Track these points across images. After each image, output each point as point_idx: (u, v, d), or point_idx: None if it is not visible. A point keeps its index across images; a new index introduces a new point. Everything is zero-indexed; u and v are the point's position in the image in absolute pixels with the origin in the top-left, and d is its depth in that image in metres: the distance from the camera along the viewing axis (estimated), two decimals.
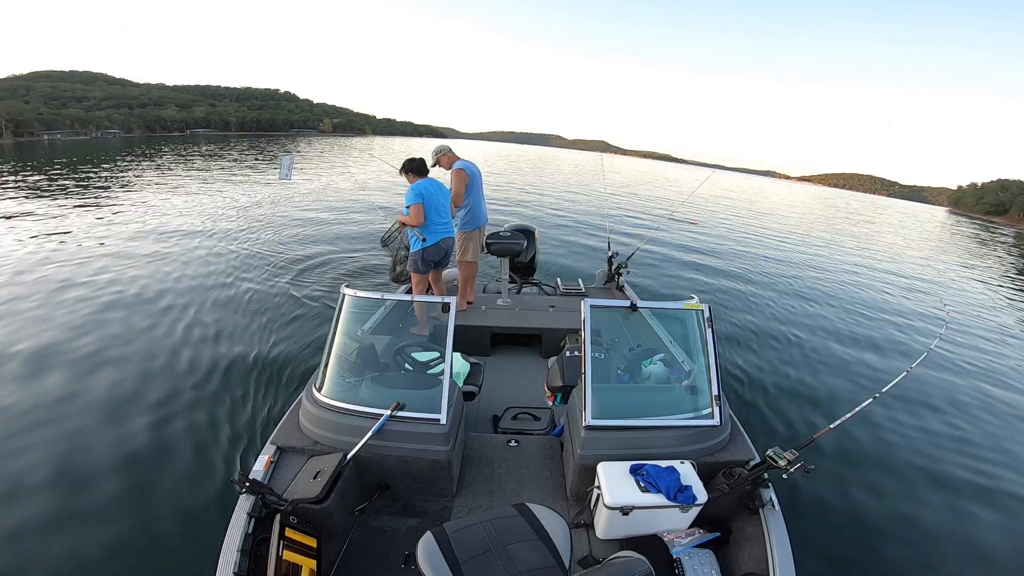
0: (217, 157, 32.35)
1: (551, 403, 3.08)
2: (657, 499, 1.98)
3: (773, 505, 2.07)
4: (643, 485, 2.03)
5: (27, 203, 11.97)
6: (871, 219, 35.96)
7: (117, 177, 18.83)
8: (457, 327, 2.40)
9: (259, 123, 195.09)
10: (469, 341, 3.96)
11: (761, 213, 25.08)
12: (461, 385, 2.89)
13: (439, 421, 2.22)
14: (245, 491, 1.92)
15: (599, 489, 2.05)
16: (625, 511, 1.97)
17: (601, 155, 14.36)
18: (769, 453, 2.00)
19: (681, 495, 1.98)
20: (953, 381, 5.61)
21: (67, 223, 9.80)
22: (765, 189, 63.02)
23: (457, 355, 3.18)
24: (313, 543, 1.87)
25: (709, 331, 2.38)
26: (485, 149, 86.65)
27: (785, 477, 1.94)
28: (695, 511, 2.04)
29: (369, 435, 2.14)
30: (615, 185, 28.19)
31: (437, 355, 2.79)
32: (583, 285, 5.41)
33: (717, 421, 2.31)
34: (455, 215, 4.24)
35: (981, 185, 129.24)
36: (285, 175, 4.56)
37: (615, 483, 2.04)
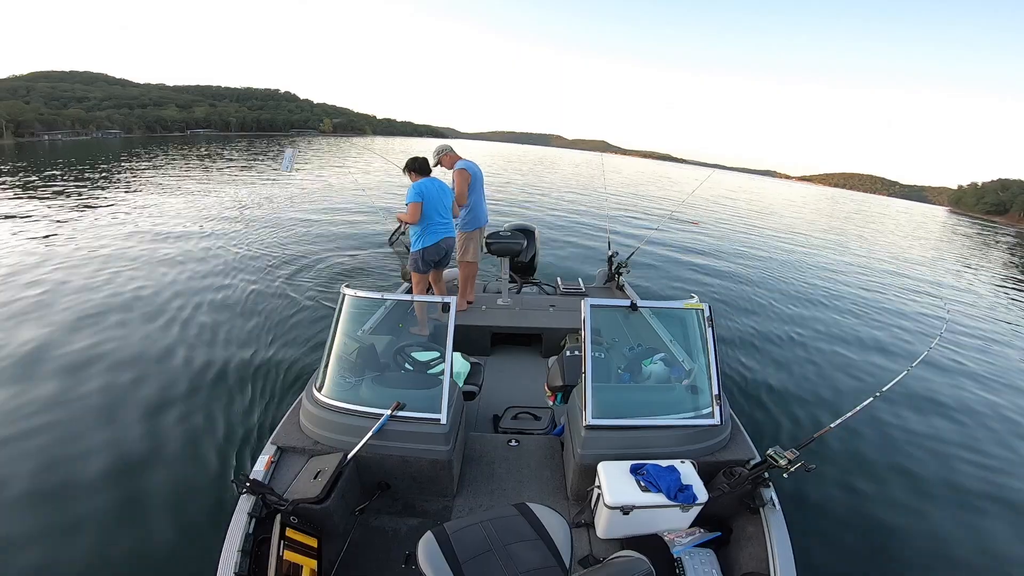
0: (217, 157, 32.38)
1: (551, 403, 3.08)
2: (658, 498, 1.98)
3: (774, 504, 2.07)
4: (643, 484, 2.03)
5: (27, 203, 11.98)
6: (872, 219, 35.94)
7: (118, 177, 18.83)
8: (457, 327, 2.40)
9: (259, 123, 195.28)
10: (469, 341, 3.96)
11: (762, 213, 25.06)
12: (461, 385, 2.88)
13: (439, 421, 2.22)
14: (246, 491, 1.92)
15: (599, 489, 2.05)
16: (625, 511, 1.97)
17: (601, 155, 14.39)
18: (770, 452, 2.00)
19: (681, 494, 1.98)
20: (954, 380, 5.61)
21: (67, 223, 9.80)
22: (766, 189, 63.01)
23: (457, 355, 3.17)
24: (314, 543, 1.87)
25: (709, 330, 2.38)
26: (485, 149, 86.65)
27: (786, 476, 1.94)
28: (696, 510, 2.04)
29: (369, 435, 2.14)
30: (615, 185, 28.15)
31: (437, 355, 2.78)
32: (583, 285, 5.41)
33: (717, 420, 2.31)
34: (458, 215, 4.25)
35: (981, 185, 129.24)
36: (286, 167, 4.60)
37: (615, 483, 2.04)
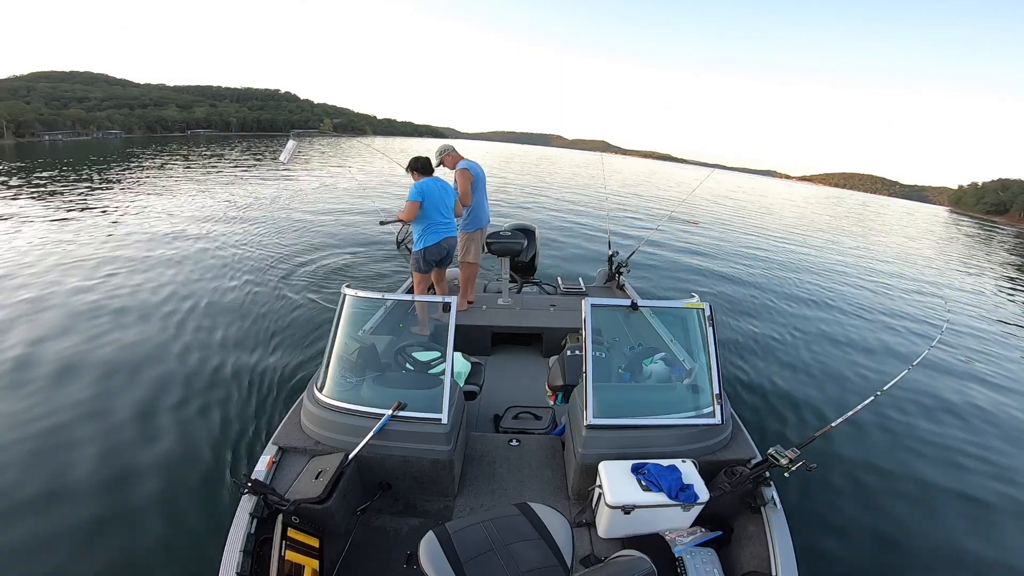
0: (218, 157, 32.38)
1: (552, 402, 3.08)
2: (659, 498, 1.98)
3: (775, 503, 2.07)
4: (645, 484, 2.03)
5: (27, 203, 11.99)
6: (872, 219, 35.93)
7: (118, 178, 18.82)
8: (458, 327, 2.40)
9: (259, 123, 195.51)
10: (470, 341, 3.95)
11: (762, 213, 25.06)
12: (462, 385, 2.88)
13: (440, 421, 2.22)
14: (247, 491, 1.92)
15: (600, 488, 2.05)
16: (627, 510, 1.97)
17: (601, 155, 14.39)
18: (771, 452, 2.00)
19: (683, 494, 1.98)
20: (954, 379, 5.60)
21: (68, 223, 9.80)
22: (766, 189, 62.96)
23: (458, 355, 3.17)
24: (315, 543, 1.87)
25: (710, 330, 2.38)
26: (485, 149, 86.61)
27: (787, 476, 1.93)
28: (697, 510, 2.04)
29: (371, 435, 2.15)
30: (616, 185, 28.18)
31: (438, 355, 2.78)
32: (584, 284, 5.41)
33: (718, 420, 2.31)
34: (462, 214, 4.21)
35: (982, 185, 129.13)
36: (284, 157, 4.57)
37: (617, 482, 2.04)
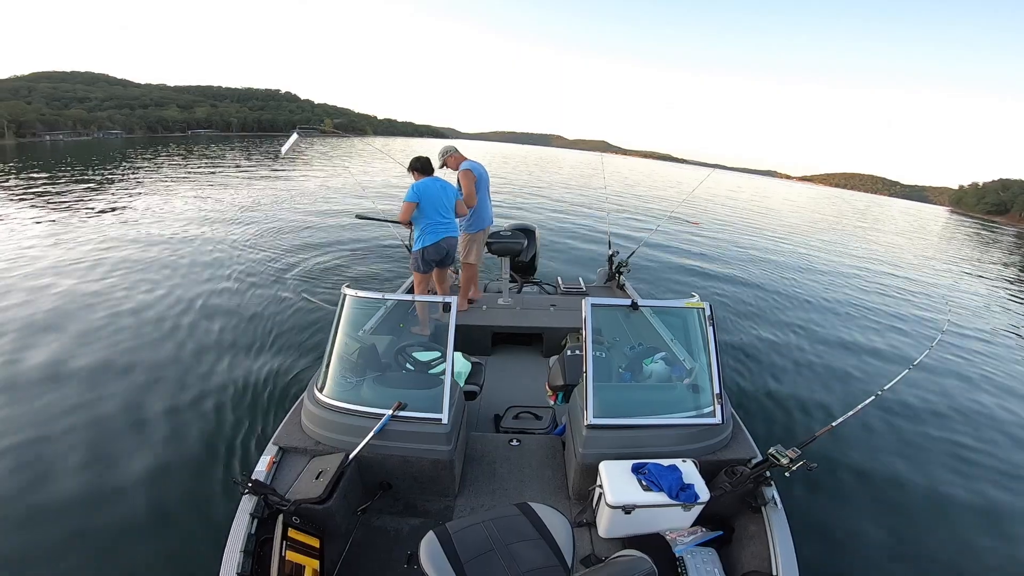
0: (219, 158, 32.40)
1: (552, 402, 3.08)
2: (659, 498, 1.98)
3: (776, 503, 2.07)
4: (645, 484, 2.03)
5: (28, 203, 11.99)
6: (873, 219, 35.91)
7: (119, 178, 18.84)
8: (458, 327, 2.40)
9: (260, 123, 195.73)
10: (470, 341, 3.95)
11: (763, 213, 25.06)
12: (462, 385, 2.88)
13: (441, 421, 2.22)
14: (247, 492, 1.92)
15: (601, 488, 2.05)
16: (627, 510, 1.97)
17: (601, 155, 14.38)
18: (771, 451, 1.99)
19: (683, 494, 1.98)
20: (955, 378, 5.60)
21: (68, 223, 9.80)
22: (767, 189, 62.93)
23: (458, 355, 3.17)
24: (316, 543, 1.87)
25: (710, 329, 2.38)
26: (486, 149, 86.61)
27: (787, 475, 1.93)
28: (697, 510, 2.04)
29: (371, 435, 2.15)
30: (616, 185, 28.17)
31: (438, 355, 2.78)
32: (584, 284, 5.41)
33: (719, 419, 2.31)
34: (465, 214, 4.16)
35: (982, 185, 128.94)
36: (285, 150, 4.60)
37: (617, 482, 2.04)
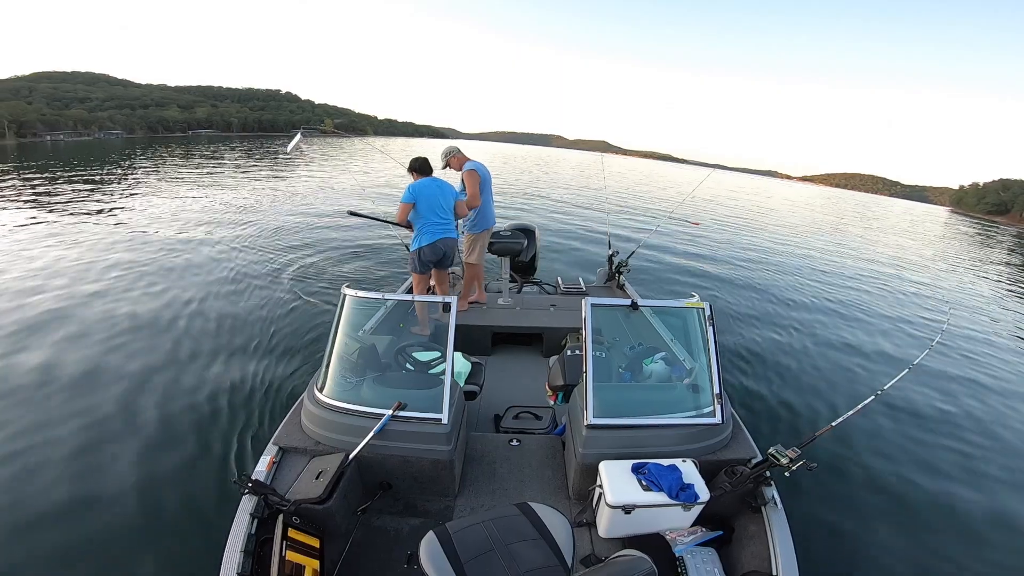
0: (219, 158, 32.42)
1: (552, 402, 3.08)
2: (659, 498, 1.98)
3: (776, 503, 2.07)
4: (645, 484, 2.03)
5: (28, 203, 12.00)
6: (873, 219, 35.90)
7: (120, 178, 18.84)
8: (458, 327, 2.40)
9: (261, 124, 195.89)
10: (470, 341, 3.95)
11: (763, 213, 25.05)
12: (462, 385, 2.88)
13: (441, 421, 2.22)
14: (247, 492, 1.92)
15: (601, 488, 2.05)
16: (627, 510, 1.97)
17: (601, 155, 14.38)
18: (771, 451, 1.99)
19: (683, 493, 1.98)
20: (955, 378, 5.59)
21: (67, 223, 9.81)
22: (767, 189, 62.88)
23: (458, 355, 3.17)
24: (316, 543, 1.87)
25: (710, 329, 2.38)
26: (486, 149, 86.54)
27: (787, 475, 1.93)
28: (697, 509, 2.04)
29: (371, 435, 2.15)
30: (616, 185, 28.17)
31: (438, 355, 2.78)
32: (584, 284, 5.41)
33: (719, 419, 2.31)
34: (466, 215, 4.14)
35: (983, 185, 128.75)
36: (291, 148, 4.64)
37: (617, 482, 2.04)
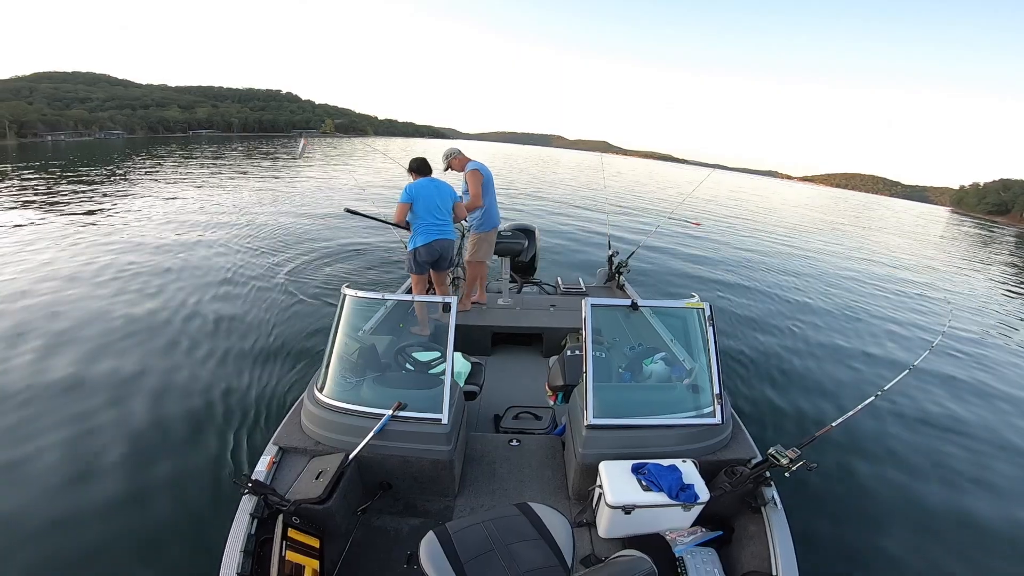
0: (220, 158, 32.45)
1: (552, 402, 3.08)
2: (659, 498, 1.98)
3: (775, 503, 2.07)
4: (645, 484, 2.03)
5: (28, 203, 12.01)
6: (874, 219, 35.89)
7: (121, 178, 18.85)
8: (458, 327, 2.40)
9: (261, 124, 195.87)
10: (470, 341, 3.95)
11: (764, 213, 25.05)
12: (462, 385, 2.88)
13: (440, 421, 2.22)
14: (247, 492, 1.92)
15: (601, 488, 2.05)
16: (627, 510, 1.97)
17: (601, 156, 14.36)
18: (771, 451, 1.99)
19: (683, 494, 1.98)
20: (956, 378, 5.59)
21: (68, 223, 9.81)
22: (768, 189, 62.88)
23: (458, 355, 3.17)
24: (316, 543, 1.87)
25: (710, 329, 2.38)
26: (487, 150, 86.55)
27: (787, 475, 1.93)
28: (697, 510, 2.04)
29: (371, 435, 2.15)
30: (616, 185, 28.17)
31: (438, 355, 2.78)
32: (584, 284, 5.41)
33: (719, 420, 2.31)
34: (465, 216, 4.13)
35: (983, 185, 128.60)
36: (298, 153, 4.72)
37: (617, 482, 2.04)
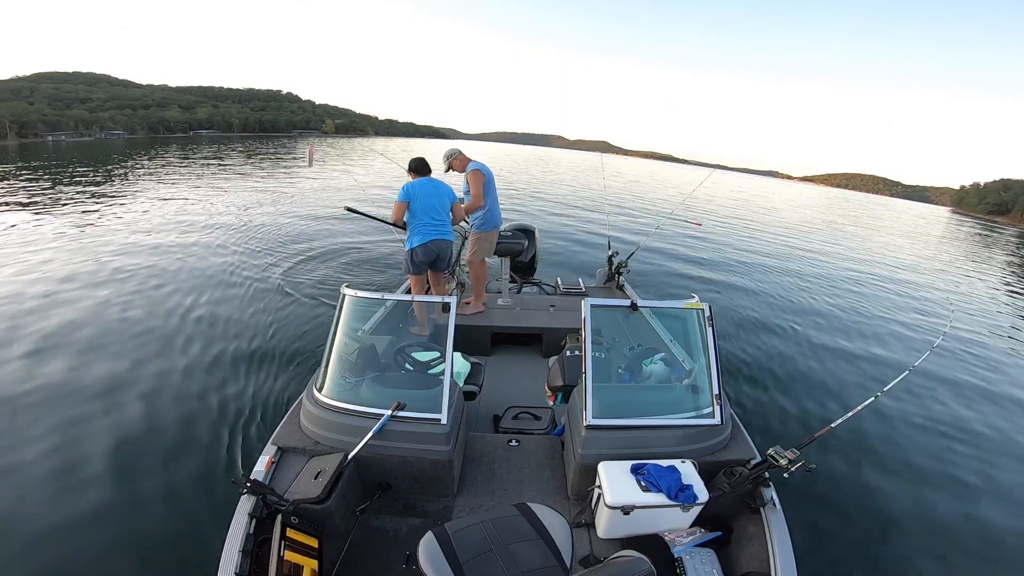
0: (220, 158, 32.45)
1: (552, 403, 3.08)
2: (658, 498, 1.98)
3: (774, 504, 2.06)
4: (644, 484, 2.03)
5: (28, 203, 12.01)
6: (874, 219, 35.88)
7: (121, 178, 18.87)
8: (457, 327, 2.40)
9: (261, 124, 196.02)
10: (470, 341, 3.95)
11: (764, 213, 25.04)
12: (462, 385, 2.89)
13: (440, 421, 2.22)
14: (246, 491, 1.92)
15: (600, 488, 2.05)
16: (626, 510, 1.97)
17: (601, 156, 14.37)
18: (770, 452, 1.99)
19: (682, 494, 1.98)
20: (956, 379, 5.59)
21: (68, 223, 9.83)
22: (768, 189, 62.88)
23: (458, 355, 3.17)
24: (314, 543, 1.87)
25: (710, 330, 2.38)
26: (487, 150, 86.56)
27: (786, 476, 1.93)
28: (696, 510, 2.04)
29: (370, 435, 2.14)
30: (616, 186, 28.17)
31: (438, 355, 2.78)
32: (583, 284, 5.41)
33: (718, 420, 2.30)
34: (464, 217, 4.14)
35: (983, 185, 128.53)
36: (308, 161, 4.72)
37: (616, 482, 2.04)
